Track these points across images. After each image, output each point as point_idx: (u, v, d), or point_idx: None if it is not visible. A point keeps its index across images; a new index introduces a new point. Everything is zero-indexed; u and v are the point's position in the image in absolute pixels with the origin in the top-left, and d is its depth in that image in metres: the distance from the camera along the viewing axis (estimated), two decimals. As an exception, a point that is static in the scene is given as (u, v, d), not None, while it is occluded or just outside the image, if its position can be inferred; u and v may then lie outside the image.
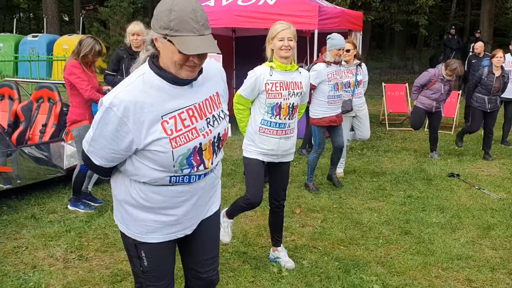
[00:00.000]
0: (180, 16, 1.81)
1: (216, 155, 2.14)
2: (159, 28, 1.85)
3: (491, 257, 4.10)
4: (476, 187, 6.01)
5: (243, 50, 10.97)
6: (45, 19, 21.14)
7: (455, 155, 7.82)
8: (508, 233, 4.59)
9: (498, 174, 6.70)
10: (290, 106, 3.65)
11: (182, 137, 1.96)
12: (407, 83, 10.79)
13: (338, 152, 5.92)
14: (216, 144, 2.11)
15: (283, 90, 3.62)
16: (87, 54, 4.67)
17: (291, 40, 3.53)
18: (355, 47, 6.34)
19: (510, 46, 8.32)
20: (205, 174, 2.11)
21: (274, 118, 3.64)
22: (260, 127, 3.66)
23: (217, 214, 2.35)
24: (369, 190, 5.87)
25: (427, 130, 8.20)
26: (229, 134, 8.43)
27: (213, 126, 2.08)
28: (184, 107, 1.97)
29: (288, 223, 4.74)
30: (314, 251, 4.15)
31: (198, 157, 2.03)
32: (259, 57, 3.88)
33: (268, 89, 3.60)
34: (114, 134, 1.90)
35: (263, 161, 3.71)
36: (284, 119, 3.65)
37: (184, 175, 2.03)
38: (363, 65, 6.48)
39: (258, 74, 3.62)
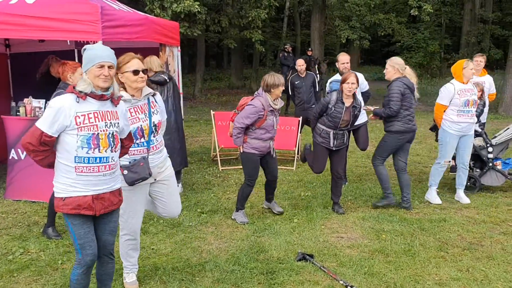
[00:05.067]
0: None
1: None
2: None
3: None
4: (341, 282, 3.65)
5: (22, 71, 7.60)
6: None
7: (302, 208, 5.53)
8: None
9: (362, 242, 4.50)
10: None
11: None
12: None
13: (109, 264, 3.09)
14: None
15: None
16: None
17: None
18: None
19: (336, 63, 6.47)
20: None
21: None
22: None
23: None
24: (171, 322, 3.12)
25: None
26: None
27: None
28: None
29: None
30: None
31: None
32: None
33: None
34: None
35: None
36: None
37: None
38: (158, 95, 3.66)
39: None
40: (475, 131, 5.90)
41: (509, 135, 6.02)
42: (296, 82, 8.03)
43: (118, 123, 2.90)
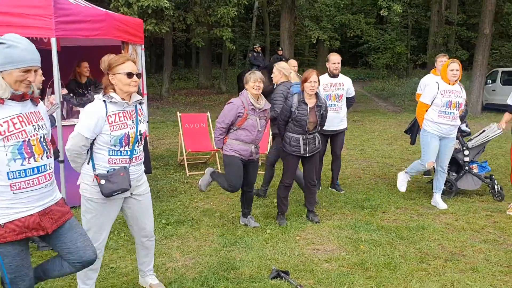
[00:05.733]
0: None
1: None
2: None
3: None
4: (320, 303, 3.34)
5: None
6: None
7: (275, 216, 5.20)
8: None
9: (340, 255, 4.19)
10: None
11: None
12: (208, 112, 8.00)
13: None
14: None
15: None
16: None
17: None
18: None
19: (326, 63, 6.20)
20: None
21: None
22: None
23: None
24: None
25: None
26: None
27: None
28: None
29: None
30: None
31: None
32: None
33: None
34: None
35: None
36: None
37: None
38: (144, 104, 3.28)
39: None
40: (464, 131, 5.73)
41: (485, 138, 5.87)
42: None
43: (45, 124, 2.53)
